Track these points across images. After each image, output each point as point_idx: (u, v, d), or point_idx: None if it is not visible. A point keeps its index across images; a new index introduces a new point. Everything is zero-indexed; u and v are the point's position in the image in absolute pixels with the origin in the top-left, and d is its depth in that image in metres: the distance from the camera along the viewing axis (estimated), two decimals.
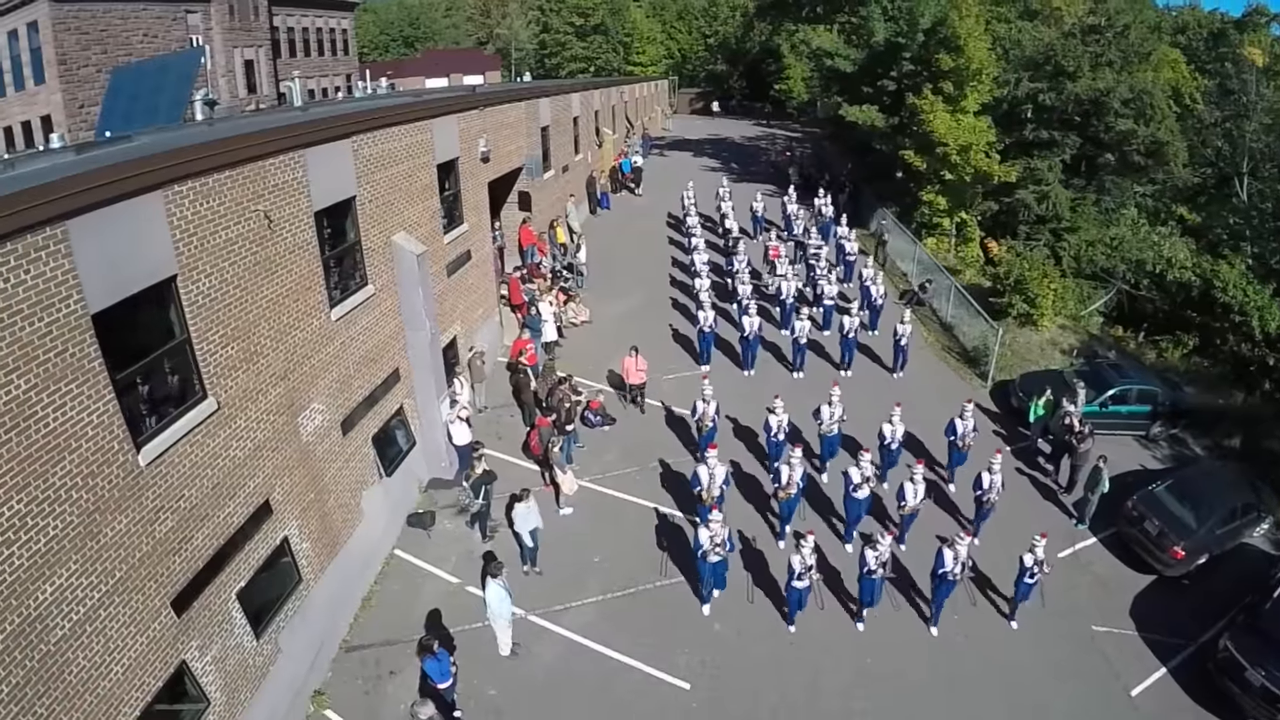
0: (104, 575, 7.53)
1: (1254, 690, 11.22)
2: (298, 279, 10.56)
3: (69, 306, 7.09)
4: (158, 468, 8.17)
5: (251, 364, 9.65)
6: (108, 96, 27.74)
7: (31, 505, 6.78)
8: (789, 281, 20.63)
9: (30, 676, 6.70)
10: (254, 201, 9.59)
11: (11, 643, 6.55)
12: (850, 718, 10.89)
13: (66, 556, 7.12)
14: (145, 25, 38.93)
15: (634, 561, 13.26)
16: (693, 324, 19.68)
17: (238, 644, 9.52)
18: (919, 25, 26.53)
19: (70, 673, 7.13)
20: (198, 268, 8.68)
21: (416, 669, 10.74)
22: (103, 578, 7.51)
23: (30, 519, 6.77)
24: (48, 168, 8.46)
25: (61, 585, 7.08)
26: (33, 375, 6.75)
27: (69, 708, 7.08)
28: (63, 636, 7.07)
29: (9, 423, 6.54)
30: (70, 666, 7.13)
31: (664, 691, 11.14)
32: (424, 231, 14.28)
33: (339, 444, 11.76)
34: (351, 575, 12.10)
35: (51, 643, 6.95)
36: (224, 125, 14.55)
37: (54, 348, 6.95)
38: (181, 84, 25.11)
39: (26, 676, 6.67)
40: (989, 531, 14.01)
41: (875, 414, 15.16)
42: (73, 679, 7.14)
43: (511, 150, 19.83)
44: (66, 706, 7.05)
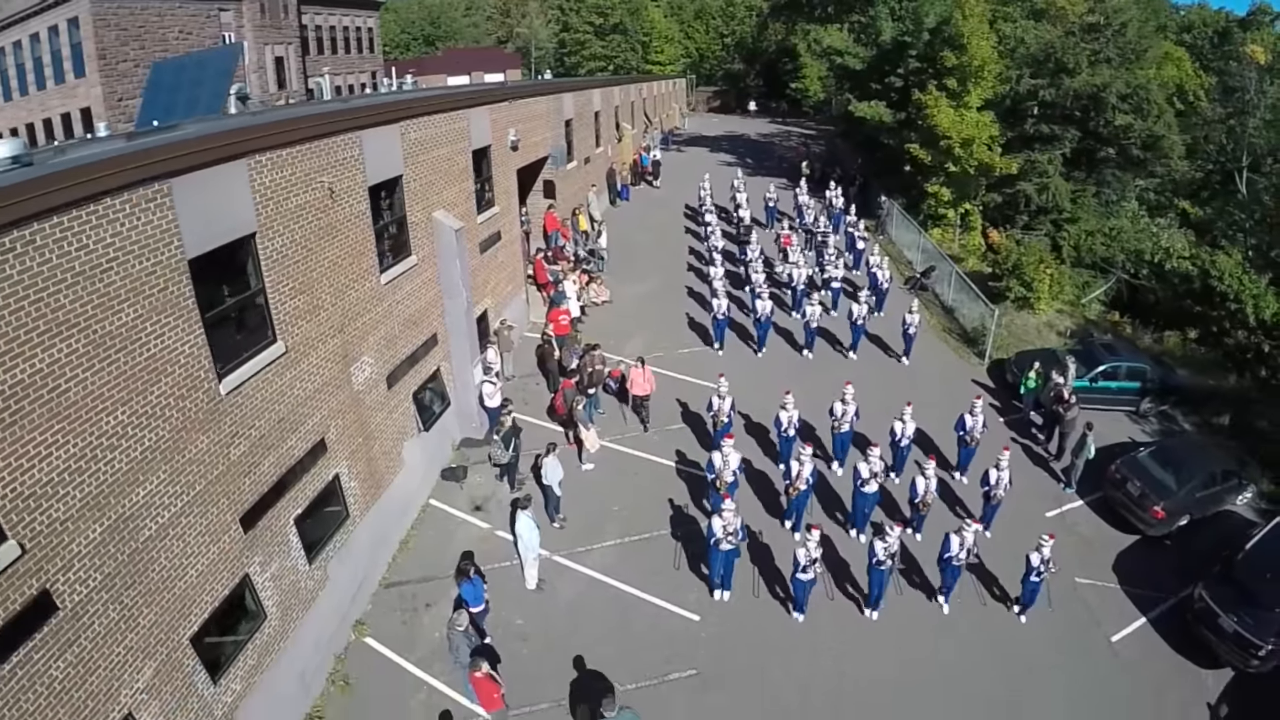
0: (186, 487, 8.68)
1: (1227, 636, 12.12)
2: (353, 244, 11.79)
3: (170, 251, 8.28)
4: (235, 397, 9.37)
5: (314, 315, 10.87)
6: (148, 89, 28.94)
7: (133, 417, 7.91)
8: (800, 269, 21.61)
9: (120, 569, 7.81)
10: (319, 174, 10.82)
11: (108, 535, 7.66)
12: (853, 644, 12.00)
13: (157, 466, 8.25)
14: (181, 22, 40.49)
15: (650, 510, 14.43)
16: (707, 310, 20.53)
17: (293, 566, 10.70)
18: (924, 25, 27.65)
19: (153, 570, 8.24)
20: (273, 227, 9.91)
21: (451, 602, 11.92)
22: (185, 489, 8.66)
23: (131, 429, 7.91)
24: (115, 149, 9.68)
25: (151, 491, 8.20)
26: (140, 306, 7.92)
27: (150, 602, 8.17)
28: (149, 537, 8.18)
29: (120, 344, 7.69)
30: (154, 565, 8.24)
31: (675, 622, 12.27)
32: (460, 210, 15.49)
33: (384, 396, 12.98)
34: (391, 518, 13.30)
35: (140, 541, 8.06)
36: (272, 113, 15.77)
37: (158, 284, 8.13)
38: (221, 78, 26.30)
39: (117, 568, 7.78)
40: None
41: (885, 405, 15.83)
42: (155, 576, 8.25)
43: (538, 141, 21.04)
44: (148, 600, 8.15)
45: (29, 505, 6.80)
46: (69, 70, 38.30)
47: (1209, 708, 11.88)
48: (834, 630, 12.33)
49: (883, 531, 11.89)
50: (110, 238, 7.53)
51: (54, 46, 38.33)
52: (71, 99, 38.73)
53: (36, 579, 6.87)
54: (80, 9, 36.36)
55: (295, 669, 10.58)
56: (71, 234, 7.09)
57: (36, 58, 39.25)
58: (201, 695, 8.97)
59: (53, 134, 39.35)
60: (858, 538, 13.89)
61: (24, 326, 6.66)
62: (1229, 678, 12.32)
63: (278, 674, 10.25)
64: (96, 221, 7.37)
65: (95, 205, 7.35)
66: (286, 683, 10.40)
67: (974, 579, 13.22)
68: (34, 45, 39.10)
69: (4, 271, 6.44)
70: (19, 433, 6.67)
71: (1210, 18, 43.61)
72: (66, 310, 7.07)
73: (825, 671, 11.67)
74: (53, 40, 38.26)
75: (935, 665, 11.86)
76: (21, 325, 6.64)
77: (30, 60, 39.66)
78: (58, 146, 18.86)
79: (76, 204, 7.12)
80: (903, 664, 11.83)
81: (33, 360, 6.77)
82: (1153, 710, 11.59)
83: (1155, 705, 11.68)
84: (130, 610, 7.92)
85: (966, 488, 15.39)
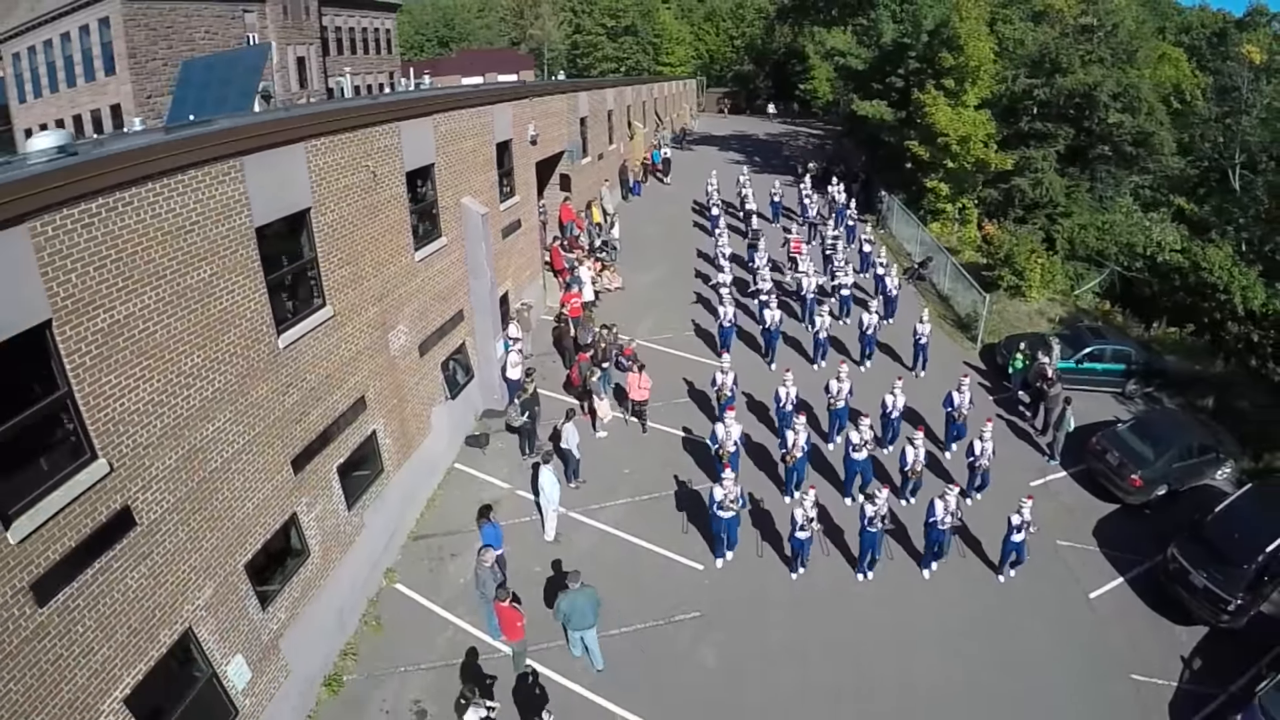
0: (247, 427, 9.75)
1: (1198, 592, 12.96)
2: (392, 223, 12.94)
3: (241, 219, 9.39)
4: (290, 351, 10.47)
5: (358, 285, 12.00)
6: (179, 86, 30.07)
7: (206, 361, 8.98)
8: (809, 277, 21.29)
9: (190, 494, 8.84)
10: (365, 159, 11.97)
11: (182, 462, 8.71)
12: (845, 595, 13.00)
13: (224, 406, 9.32)
14: (207, 23, 41.87)
15: (658, 474, 15.52)
16: (714, 317, 20.20)
17: (334, 510, 11.78)
18: (923, 27, 28.71)
19: (217, 499, 9.29)
20: (325, 204, 11.05)
21: (474, 554, 12.93)
22: (246, 429, 9.73)
23: (204, 371, 8.98)
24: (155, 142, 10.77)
25: (219, 428, 9.26)
26: (215, 265, 9.02)
27: (213, 528, 9.21)
28: (215, 469, 9.24)
29: (198, 296, 8.79)
30: (217, 494, 9.29)
31: (681, 571, 13.39)
32: (485, 198, 16.62)
33: (417, 363, 14.09)
34: (420, 477, 14.41)
35: (207, 471, 9.11)
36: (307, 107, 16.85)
37: (230, 247, 9.24)
38: (249, 76, 27.44)
39: (188, 493, 8.81)
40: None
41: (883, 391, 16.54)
42: (218, 505, 9.30)
43: (555, 136, 22.16)
44: (212, 526, 9.19)
45: (118, 429, 7.84)
46: (99, 68, 39.68)
47: (1182, 660, 12.65)
48: (828, 586, 13.34)
49: (872, 496, 12.76)
50: (194, 204, 8.63)
51: (85, 45, 39.66)
52: (102, 96, 40.11)
53: (120, 495, 7.89)
54: (111, 9, 37.75)
55: (334, 606, 11.65)
56: (163, 198, 8.19)
57: (67, 55, 40.57)
58: (251, 619, 10.00)
59: (83, 130, 40.26)
60: (851, 503, 14.81)
61: (123, 274, 7.74)
62: (1202, 634, 13.08)
63: (318, 609, 11.29)
64: (183, 190, 8.48)
65: (183, 175, 8.45)
66: (325, 618, 11.46)
67: (959, 542, 14.15)
68: (64, 44, 40.45)
69: (109, 225, 7.52)
70: (115, 364, 7.73)
71: (1208, 19, 44.51)
72: (156, 263, 8.14)
73: (818, 621, 12.68)
74: (83, 39, 39.60)
75: (922, 619, 12.79)
76: (121, 273, 7.72)
77: (61, 58, 40.98)
78: (97, 140, 20.12)
79: (169, 173, 8.23)
80: (891, 618, 12.78)
81: (129, 303, 7.84)
82: (1129, 662, 12.41)
83: (1131, 657, 12.50)
84: (196, 533, 8.97)
85: (953, 461, 16.31)
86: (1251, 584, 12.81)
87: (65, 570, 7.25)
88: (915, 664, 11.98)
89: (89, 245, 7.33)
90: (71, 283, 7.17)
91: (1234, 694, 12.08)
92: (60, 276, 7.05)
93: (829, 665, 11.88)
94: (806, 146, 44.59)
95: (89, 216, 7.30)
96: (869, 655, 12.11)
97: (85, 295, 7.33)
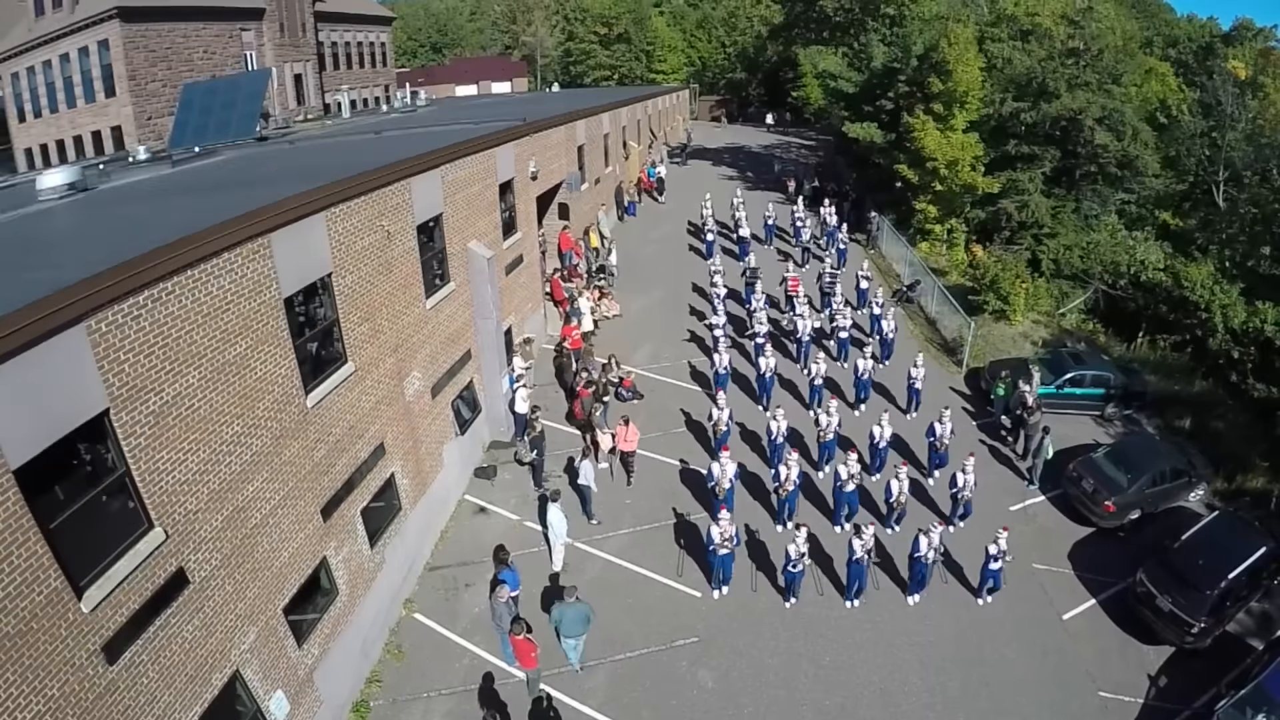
0: (282, 484, 10.61)
1: (1164, 615, 13.92)
2: (405, 276, 13.76)
3: (270, 292, 10.21)
4: (318, 409, 11.31)
5: (375, 339, 12.82)
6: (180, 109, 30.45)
7: (244, 428, 9.85)
8: (805, 320, 21.14)
9: (235, 549, 9.73)
10: (379, 219, 12.77)
11: (227, 523, 9.59)
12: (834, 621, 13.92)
13: (262, 467, 10.18)
14: (205, 43, 41.77)
15: (657, 503, 16.42)
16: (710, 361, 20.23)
17: (359, 550, 12.64)
18: (912, 52, 29.47)
19: (258, 552, 10.18)
20: (344, 267, 11.86)
21: (487, 583, 13.87)
22: (281, 485, 10.59)
23: (243, 438, 9.84)
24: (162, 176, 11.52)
25: (257, 487, 10.13)
26: (249, 339, 9.84)
27: (254, 578, 10.10)
28: (255, 525, 10.12)
29: (235, 370, 9.61)
30: (258, 548, 10.19)
31: (680, 597, 14.32)
32: (490, 239, 17.42)
33: (430, 405, 14.94)
34: (434, 511, 15.28)
35: (248, 528, 10.00)
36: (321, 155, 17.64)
37: (262, 320, 10.05)
38: (251, 101, 28.08)
39: (235, 548, 9.71)
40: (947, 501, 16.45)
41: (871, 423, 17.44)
42: (259, 557, 10.19)
43: (554, 168, 22.95)
44: (254, 577, 10.08)
45: (171, 499, 8.69)
46: (99, 90, 39.63)
47: (1149, 678, 13.59)
48: (818, 613, 14.25)
49: (859, 531, 13.71)
50: (228, 284, 9.44)
51: (84, 67, 39.64)
52: (102, 117, 40.13)
53: (175, 558, 8.74)
54: (110, 32, 37.84)
55: (359, 637, 12.53)
56: (201, 283, 8.97)
57: (67, 77, 40.45)
58: (289, 657, 10.89)
59: (83, 151, 40.74)
60: (839, 530, 15.75)
61: (169, 358, 8.53)
62: (1168, 653, 14.03)
63: (345, 642, 12.17)
64: (219, 273, 9.27)
65: (217, 259, 9.23)
66: (352, 648, 12.35)
67: (942, 568, 15.02)
68: (64, 65, 40.31)
69: (155, 314, 8.28)
70: (165, 441, 8.54)
71: (1195, 32, 45.24)
72: (198, 344, 8.95)
73: (809, 645, 13.59)
74: (83, 60, 39.58)
75: (906, 642, 13.72)
76: (168, 357, 8.51)
77: (60, 79, 40.86)
78: (102, 170, 20.51)
79: (205, 258, 9.01)
80: (877, 642, 13.72)
81: (175, 384, 8.65)
82: (1098, 680, 13.35)
83: (1101, 675, 13.46)
84: (241, 584, 9.85)
85: (936, 488, 17.18)
86: (1213, 608, 13.73)
87: (130, 630, 8.10)
88: (899, 684, 12.91)
89: (138, 336, 8.10)
90: (125, 372, 7.95)
91: (1196, 710, 13.01)
92: (114, 368, 7.82)
93: (819, 686, 12.81)
94: (799, 160, 45.32)
95: (136, 309, 8.04)
96: (856, 676, 13.04)
97: (137, 382, 8.11)
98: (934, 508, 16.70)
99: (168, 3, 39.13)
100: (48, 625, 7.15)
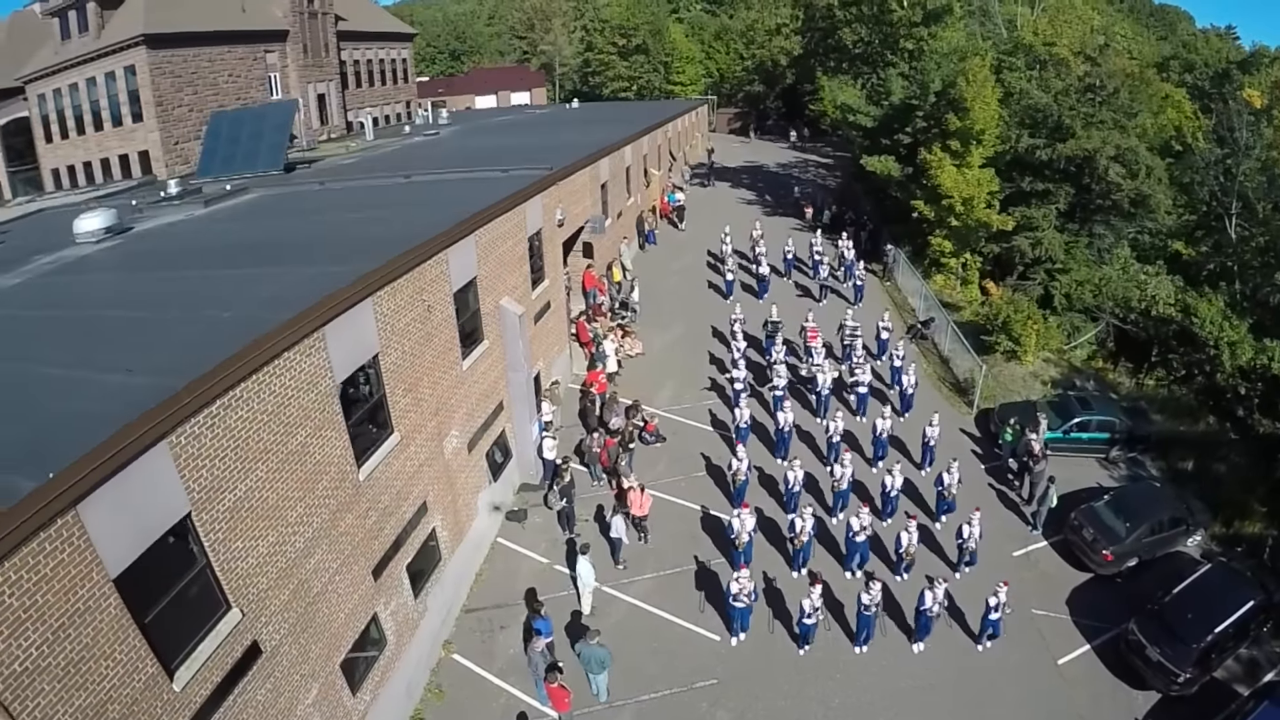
0: (339, 553, 11.67)
1: (1153, 665, 14.79)
2: (444, 343, 14.76)
3: (326, 382, 11.21)
4: (369, 481, 12.35)
5: (418, 407, 13.84)
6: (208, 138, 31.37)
7: (306, 509, 10.90)
8: (825, 373, 21.42)
9: (301, 616, 10.83)
10: (420, 294, 13.75)
11: (293, 596, 10.66)
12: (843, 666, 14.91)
13: (321, 541, 11.23)
14: (230, 66, 42.69)
15: (679, 548, 17.39)
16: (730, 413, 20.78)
17: (404, 602, 13.71)
18: (930, 89, 30.06)
19: (320, 615, 11.27)
20: (390, 345, 12.86)
21: (521, 624, 15.03)
22: (338, 554, 11.65)
23: (305, 517, 10.89)
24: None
25: (318, 560, 11.19)
26: (308, 428, 10.84)
27: (317, 639, 11.20)
28: (317, 593, 11.20)
29: (296, 458, 10.62)
30: (320, 611, 11.27)
31: (700, 640, 15.32)
32: (519, 293, 18.38)
33: (466, 459, 15.99)
34: (469, 556, 16.34)
35: (312, 595, 11.08)
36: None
37: (318, 408, 11.05)
38: (278, 132, 29.02)
39: (299, 616, 10.80)
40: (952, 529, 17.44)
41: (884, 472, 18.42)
42: (319, 621, 11.27)
43: (579, 211, 23.86)
44: (316, 637, 11.18)
45: (246, 582, 9.73)
46: (126, 115, 40.46)
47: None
48: (829, 658, 15.20)
49: (869, 584, 14.66)
50: (288, 382, 10.41)
51: (111, 91, 40.39)
52: (130, 141, 40.97)
53: (250, 633, 9.81)
54: (137, 58, 38.65)
55: (404, 681, 13.62)
56: (264, 386, 9.93)
57: (94, 100, 41.21)
58: (346, 706, 12.00)
59: (110, 173, 41.58)
60: (850, 577, 16.77)
61: (240, 458, 9.51)
62: (1156, 699, 14.88)
63: (393, 685, 13.27)
64: (279, 373, 10.22)
65: (278, 360, 10.18)
66: (398, 691, 13.43)
67: (946, 615, 15.85)
68: (90, 88, 41.07)
69: (226, 420, 9.23)
70: (240, 532, 9.57)
71: (1212, 57, 45.22)
72: (264, 441, 9.92)
73: (819, 688, 14.55)
74: (110, 85, 40.33)
75: (910, 685, 14.68)
76: (239, 457, 9.50)
77: (87, 102, 41.55)
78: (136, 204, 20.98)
79: (267, 362, 9.94)
80: (883, 684, 14.67)
81: (246, 480, 9.64)
82: None
83: (1092, 718, 14.36)
84: (305, 647, 10.93)
85: (943, 534, 18.09)
86: (1199, 660, 14.62)
87: (214, 701, 9.19)
88: None
89: (213, 442, 9.04)
90: (202, 476, 8.91)
91: None
92: (194, 474, 8.78)
93: None
94: (817, 180, 45.89)
95: (210, 419, 8.97)
96: (863, 718, 13.99)
97: (214, 483, 9.09)
98: (941, 554, 17.62)
99: (193, 28, 39.91)
100: (146, 706, 8.21)
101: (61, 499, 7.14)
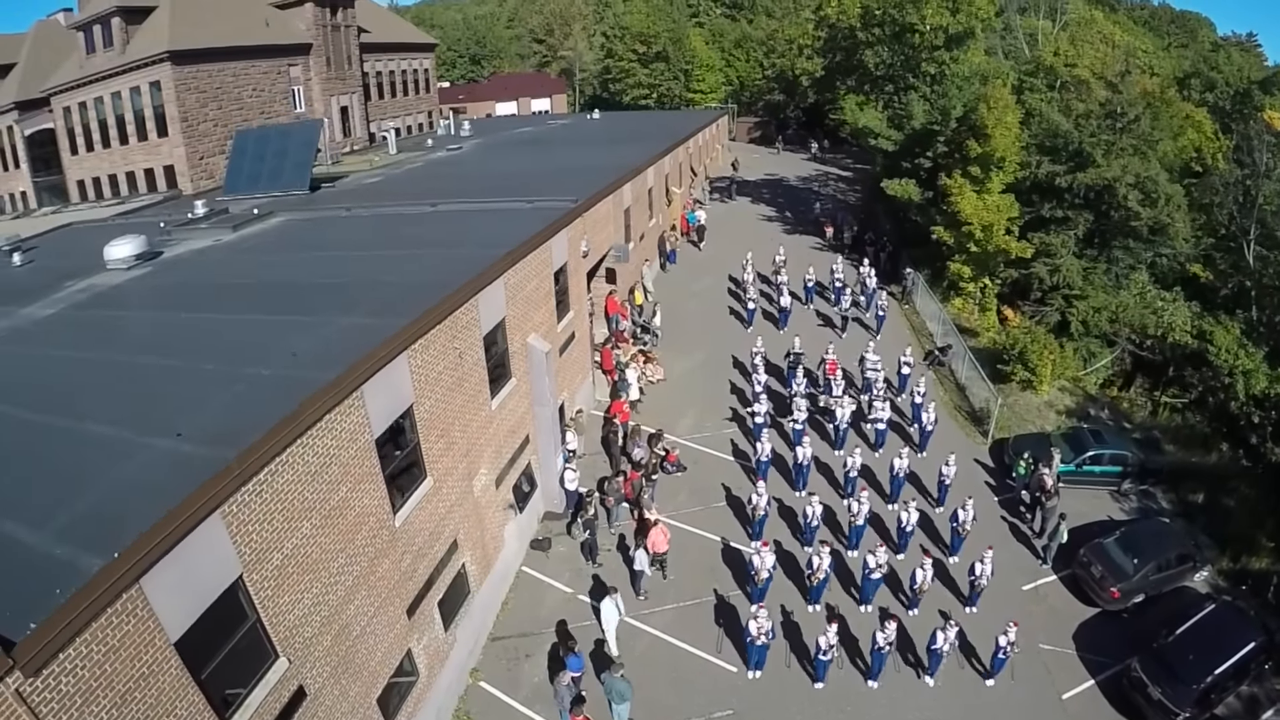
0: (377, 596, 12.31)
1: (1154, 704, 15.34)
2: (474, 386, 15.38)
3: (365, 436, 11.80)
4: (404, 526, 12.99)
5: (449, 450, 14.49)
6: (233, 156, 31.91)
7: (347, 559, 11.52)
8: (843, 408, 21.76)
9: (343, 658, 11.48)
10: (451, 343, 14.37)
11: (334, 641, 11.28)
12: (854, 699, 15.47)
13: (360, 588, 11.85)
14: (254, 81, 43.30)
15: (699, 579, 17.97)
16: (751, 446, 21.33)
17: (435, 636, 14.38)
18: (951, 114, 30.29)
19: (359, 655, 11.92)
20: (423, 394, 13.46)
21: (546, 654, 15.75)
22: (376, 598, 12.28)
23: (346, 567, 11.52)
24: None
25: (358, 606, 11.82)
26: (349, 483, 11.43)
27: (357, 677, 11.85)
28: (358, 635, 11.84)
29: (338, 512, 11.19)
30: (359, 652, 11.91)
31: (718, 672, 15.93)
32: (545, 329, 18.96)
33: (494, 495, 16.63)
34: (496, 586, 16.99)
35: (352, 638, 11.72)
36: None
37: (358, 463, 11.62)
38: (303, 150, 29.55)
39: (342, 657, 11.45)
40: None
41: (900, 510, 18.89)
42: (360, 659, 11.92)
43: (602, 240, 24.38)
44: (356, 675, 11.83)
45: (292, 632, 10.37)
46: (151, 129, 41.08)
47: None
48: (843, 690, 15.76)
49: (884, 623, 15.22)
50: (329, 441, 10.92)
51: (136, 105, 41.01)
52: (155, 156, 41.57)
53: (297, 679, 10.46)
54: (162, 74, 39.23)
55: (434, 710, 14.29)
56: (308, 448, 10.44)
57: (119, 114, 41.85)
58: None
59: (136, 186, 42.41)
60: (864, 610, 17.33)
61: (286, 519, 10.09)
62: None
63: (423, 715, 13.94)
64: (321, 434, 10.72)
65: (321, 421, 10.71)
66: None
67: (956, 650, 16.30)
68: (115, 102, 41.71)
69: (273, 485, 9.77)
70: (287, 587, 10.20)
71: (1234, 75, 44.92)
72: (307, 500, 10.47)
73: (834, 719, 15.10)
74: (135, 99, 40.96)
75: (918, 717, 15.23)
76: (285, 518, 10.08)
77: (112, 115, 42.19)
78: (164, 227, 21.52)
79: (312, 425, 10.49)
80: (893, 716, 15.22)
81: (292, 539, 10.24)
82: None
83: None
84: (345, 687, 11.60)
85: (956, 570, 18.55)
86: (1199, 700, 15.18)
87: None
88: None
89: (261, 507, 9.57)
90: (253, 539, 9.47)
91: None
92: (244, 538, 9.32)
93: None
94: (837, 196, 46.12)
95: (258, 485, 9.48)
96: None
97: (263, 544, 9.65)
98: (954, 588, 18.11)
99: (217, 44, 40.43)
100: None
101: (127, 576, 7.70)
